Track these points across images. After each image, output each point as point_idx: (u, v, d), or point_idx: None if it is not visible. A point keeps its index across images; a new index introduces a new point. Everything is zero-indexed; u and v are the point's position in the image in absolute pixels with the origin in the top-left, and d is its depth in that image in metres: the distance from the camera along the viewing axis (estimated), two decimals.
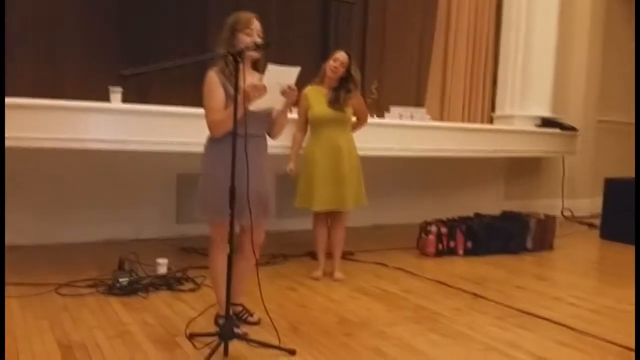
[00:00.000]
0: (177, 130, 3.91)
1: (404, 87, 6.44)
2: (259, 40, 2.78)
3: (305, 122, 4.03)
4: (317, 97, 3.96)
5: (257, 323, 2.99)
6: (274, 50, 2.87)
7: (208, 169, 2.82)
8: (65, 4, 4.69)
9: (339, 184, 3.90)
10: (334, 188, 3.90)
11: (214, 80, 2.75)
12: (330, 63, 3.92)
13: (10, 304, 3.20)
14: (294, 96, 2.76)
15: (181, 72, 4.99)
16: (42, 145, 3.62)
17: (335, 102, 3.92)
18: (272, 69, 2.61)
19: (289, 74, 2.69)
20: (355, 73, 3.97)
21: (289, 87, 2.70)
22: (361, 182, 4.04)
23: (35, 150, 3.79)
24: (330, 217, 4.08)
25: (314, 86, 4.01)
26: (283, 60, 2.66)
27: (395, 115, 5.15)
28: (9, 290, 3.41)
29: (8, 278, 3.57)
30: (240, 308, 3.04)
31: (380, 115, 5.22)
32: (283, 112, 2.88)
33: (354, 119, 4.11)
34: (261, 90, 2.61)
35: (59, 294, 3.41)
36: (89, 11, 4.78)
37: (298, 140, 4.05)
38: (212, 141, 2.82)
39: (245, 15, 2.82)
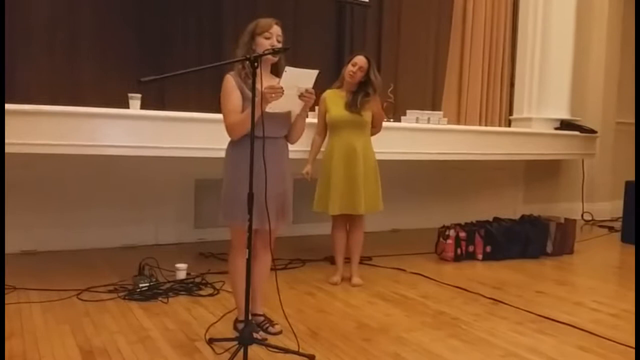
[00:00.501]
0: (195, 135, 3.93)
1: (420, 90, 6.42)
2: (276, 44, 2.79)
3: (324, 126, 4.03)
4: (335, 100, 3.97)
5: (278, 333, 2.98)
6: (289, 54, 2.87)
7: (229, 173, 2.83)
8: (83, 12, 4.74)
9: (352, 188, 3.89)
10: (348, 191, 3.89)
11: (230, 83, 2.77)
12: (349, 68, 3.91)
13: (33, 310, 3.24)
14: (312, 99, 2.75)
15: (198, 78, 5.04)
16: (63, 151, 3.66)
17: (353, 105, 3.91)
18: (290, 71, 2.60)
19: (307, 77, 2.68)
20: (375, 77, 3.94)
21: (307, 90, 2.70)
22: (378, 186, 4.01)
23: (55, 156, 3.84)
24: (349, 222, 4.07)
25: (333, 90, 4.02)
26: (298, 63, 2.67)
27: (412, 119, 5.14)
28: (30, 296, 3.46)
29: (30, 284, 3.64)
30: (262, 318, 3.04)
31: (397, 119, 5.21)
32: (301, 115, 2.87)
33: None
34: (278, 91, 2.60)
35: (80, 299, 3.45)
36: (107, 19, 4.82)
37: (317, 144, 4.05)
38: (233, 145, 2.83)
39: (265, 20, 2.84)
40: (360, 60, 3.90)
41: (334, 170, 3.90)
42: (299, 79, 2.66)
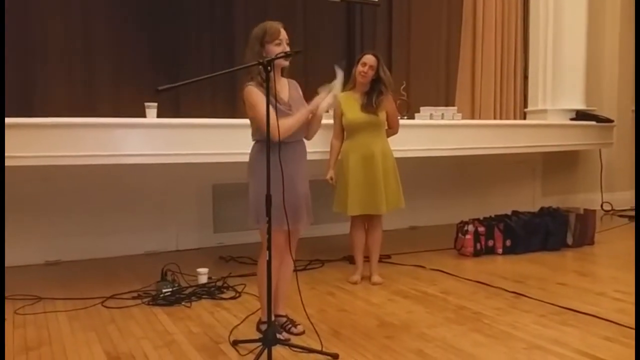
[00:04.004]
0: (211, 141, 3.97)
1: (433, 87, 6.41)
2: (287, 48, 2.83)
3: (341, 129, 4.02)
4: (349, 102, 3.95)
5: (301, 334, 3.00)
6: (300, 55, 2.90)
7: (257, 177, 2.78)
8: (97, 25, 4.82)
9: (372, 188, 3.89)
10: (367, 192, 3.90)
11: (256, 92, 2.77)
12: (359, 68, 3.91)
13: (59, 318, 3.30)
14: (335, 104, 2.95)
15: (211, 85, 5.10)
16: (83, 162, 3.71)
17: (369, 106, 3.91)
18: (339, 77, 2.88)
19: (339, 81, 2.92)
20: (385, 74, 3.94)
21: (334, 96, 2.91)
22: (398, 184, 4.01)
23: (75, 167, 3.90)
24: (367, 221, 4.08)
25: (345, 93, 3.95)
26: (308, 64, 2.72)
27: (426, 116, 5.13)
28: (57, 305, 3.52)
29: (55, 294, 3.70)
30: (284, 319, 3.07)
31: (411, 116, 5.21)
32: (317, 116, 2.95)
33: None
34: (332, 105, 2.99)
35: (105, 306, 3.50)
36: (121, 31, 4.89)
37: (335, 148, 4.03)
38: (258, 151, 2.83)
39: (272, 25, 2.85)
40: (369, 59, 3.90)
41: (352, 172, 3.90)
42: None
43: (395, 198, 4.00)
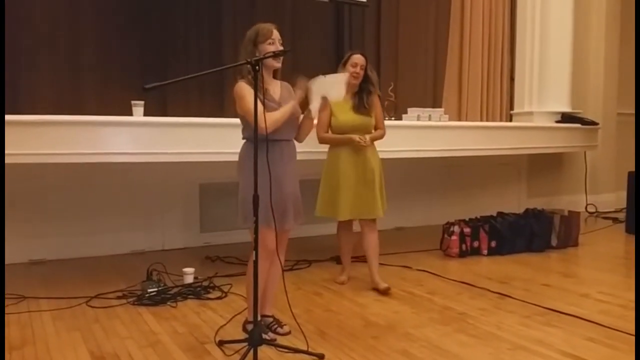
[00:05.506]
0: (198, 140, 3.96)
1: (421, 88, 6.44)
2: (280, 48, 2.84)
3: (328, 124, 3.86)
4: (339, 103, 3.73)
5: (287, 334, 3.00)
6: (288, 56, 2.91)
7: (247, 176, 2.76)
8: (84, 21, 4.78)
9: (367, 193, 3.81)
10: (361, 197, 3.81)
11: (246, 87, 2.79)
12: (349, 69, 3.80)
13: (43, 318, 3.27)
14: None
15: (199, 84, 5.08)
16: (68, 160, 3.68)
17: (361, 107, 3.83)
18: (320, 80, 2.90)
19: (340, 80, 2.97)
20: (372, 73, 3.90)
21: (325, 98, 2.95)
22: (384, 188, 3.95)
23: (60, 165, 3.87)
24: (362, 226, 3.92)
25: None
26: (297, 65, 2.73)
27: (413, 117, 5.16)
28: (40, 304, 3.49)
29: (39, 293, 3.67)
30: (271, 319, 3.07)
31: (398, 117, 5.23)
32: (309, 117, 2.98)
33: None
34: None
35: (89, 306, 3.48)
36: (108, 28, 4.86)
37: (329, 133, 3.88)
38: (248, 149, 2.82)
39: (265, 26, 2.87)
40: (359, 59, 3.84)
41: (343, 176, 3.80)
42: (328, 85, 2.94)
43: (384, 202, 3.92)
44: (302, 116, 2.99)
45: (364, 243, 3.93)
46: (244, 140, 2.93)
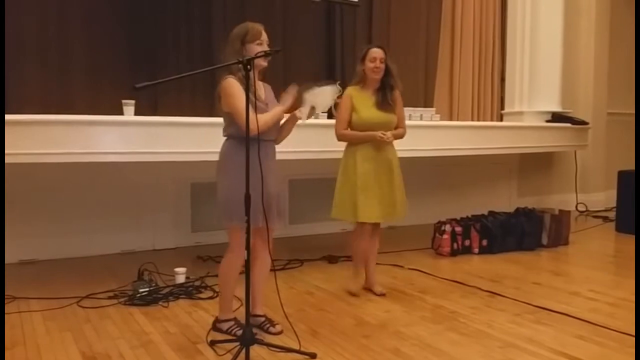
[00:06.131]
0: (189, 139, 3.95)
1: (412, 88, 6.44)
2: (269, 49, 2.84)
3: (347, 121, 3.61)
4: (362, 100, 3.60)
5: (279, 333, 3.00)
6: (280, 56, 2.92)
7: (230, 175, 2.80)
8: (74, 20, 4.75)
9: (390, 194, 3.62)
10: (381, 198, 3.59)
11: (237, 84, 2.79)
12: (369, 65, 3.56)
13: (34, 318, 3.25)
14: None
15: (190, 83, 5.06)
16: (58, 160, 3.67)
17: (385, 103, 3.59)
18: (313, 91, 2.92)
19: (329, 93, 2.97)
20: (393, 67, 3.63)
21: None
22: (403, 188, 3.76)
23: (51, 165, 3.85)
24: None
25: (355, 87, 3.65)
26: (288, 65, 2.73)
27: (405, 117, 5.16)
28: (31, 305, 3.47)
29: (29, 293, 3.65)
30: (262, 319, 3.07)
31: None
32: (290, 120, 3.01)
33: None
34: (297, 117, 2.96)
35: (80, 306, 3.46)
36: (98, 27, 4.83)
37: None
38: (231, 147, 2.86)
39: (255, 26, 2.88)
40: (378, 52, 3.56)
41: (364, 176, 3.55)
42: (320, 96, 2.97)
43: (404, 204, 3.74)
44: (284, 120, 3.01)
45: (368, 246, 3.80)
46: (226, 138, 2.93)
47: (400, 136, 3.75)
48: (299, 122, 3.01)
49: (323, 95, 2.98)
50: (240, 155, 2.74)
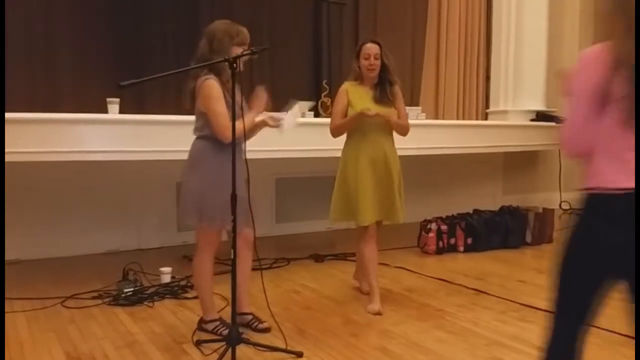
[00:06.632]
0: (175, 138, 3.92)
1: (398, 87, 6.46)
2: (255, 48, 2.82)
3: (342, 118, 3.44)
4: (359, 95, 3.43)
5: (267, 330, 3.00)
6: (267, 53, 2.91)
7: (204, 175, 2.80)
8: (59, 18, 4.71)
9: (387, 194, 3.45)
10: (380, 198, 3.43)
11: (217, 87, 2.77)
12: (363, 62, 3.39)
13: (17, 319, 3.21)
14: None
15: (175, 81, 5.00)
16: (42, 159, 3.63)
17: (383, 97, 3.41)
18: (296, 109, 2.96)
19: (294, 113, 2.96)
20: (390, 61, 3.45)
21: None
22: (402, 189, 3.58)
23: (34, 164, 3.81)
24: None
25: (352, 83, 3.48)
26: (275, 63, 2.72)
27: None
28: (14, 305, 3.42)
29: (12, 294, 3.60)
30: (250, 317, 3.06)
31: None
32: (261, 126, 2.95)
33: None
34: (277, 124, 2.90)
35: (65, 306, 3.43)
36: (83, 25, 4.79)
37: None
38: (206, 148, 2.83)
39: (244, 31, 2.87)
40: (372, 48, 3.39)
41: (362, 176, 3.39)
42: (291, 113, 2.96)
43: (404, 208, 3.56)
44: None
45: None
46: (197, 138, 2.89)
47: (403, 127, 3.52)
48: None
49: (293, 112, 2.96)
50: (216, 157, 2.75)
